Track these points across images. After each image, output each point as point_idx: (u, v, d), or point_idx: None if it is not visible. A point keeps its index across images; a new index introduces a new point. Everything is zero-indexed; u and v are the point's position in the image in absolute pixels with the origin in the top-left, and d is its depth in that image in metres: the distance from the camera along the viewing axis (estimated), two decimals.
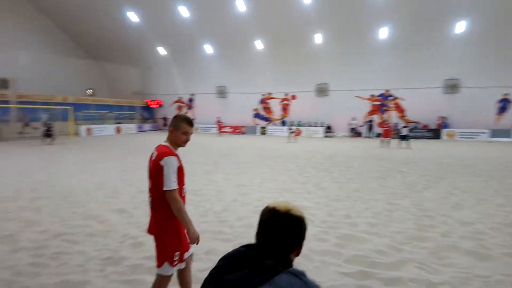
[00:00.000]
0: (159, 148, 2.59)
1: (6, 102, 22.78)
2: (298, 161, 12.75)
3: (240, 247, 1.30)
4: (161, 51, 31.94)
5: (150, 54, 32.43)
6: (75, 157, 13.52)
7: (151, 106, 35.51)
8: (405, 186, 8.32)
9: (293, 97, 29.36)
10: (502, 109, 23.80)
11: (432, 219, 5.66)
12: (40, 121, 22.21)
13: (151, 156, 2.62)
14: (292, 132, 22.95)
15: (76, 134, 25.04)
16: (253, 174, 9.91)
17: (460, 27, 22.83)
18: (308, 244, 4.48)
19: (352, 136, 26.91)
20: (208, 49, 30.10)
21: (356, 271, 3.72)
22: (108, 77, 35.28)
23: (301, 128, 27.69)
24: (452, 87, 24.64)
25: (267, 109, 30.69)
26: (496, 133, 23.21)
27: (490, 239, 4.75)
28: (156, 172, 2.49)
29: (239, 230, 5.09)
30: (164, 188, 2.45)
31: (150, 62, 33.32)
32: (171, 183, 2.45)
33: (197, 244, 2.61)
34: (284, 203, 1.34)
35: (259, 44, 28.07)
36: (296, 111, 29.23)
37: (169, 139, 2.65)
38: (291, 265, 1.27)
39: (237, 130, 30.63)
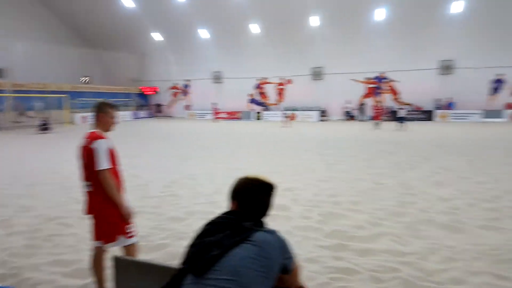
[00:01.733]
0: (89, 134, 2.79)
1: (2, 91, 22.72)
2: (291, 145, 12.96)
3: (221, 213, 1.50)
4: (157, 37, 31.66)
5: (145, 40, 32.17)
6: (69, 145, 13.68)
7: (146, 93, 35.42)
8: (392, 166, 8.56)
9: (289, 81, 29.35)
10: (495, 90, 23.93)
11: (414, 196, 5.90)
12: (34, 110, 22.20)
13: (82, 144, 2.80)
14: (287, 117, 23.08)
15: (71, 122, 25.08)
16: (246, 158, 10.13)
17: (456, 7, 22.71)
18: (293, 221, 4.73)
19: (346, 120, 27.07)
20: (204, 34, 29.87)
21: (334, 244, 3.96)
22: (103, 64, 35.02)
23: (296, 112, 27.82)
24: (447, 68, 24.69)
25: (262, 94, 30.70)
26: (489, 113, 23.41)
27: (465, 213, 5.00)
28: (89, 156, 2.70)
29: None
30: (96, 168, 2.65)
31: (146, 49, 33.09)
32: (102, 163, 2.65)
33: (129, 223, 2.82)
34: (255, 175, 1.56)
35: (254, 28, 27.86)
36: (292, 95, 29.26)
37: (98, 125, 2.84)
38: (263, 225, 1.48)
39: (232, 115, 30.72)
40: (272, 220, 4.74)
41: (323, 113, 27.93)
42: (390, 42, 24.83)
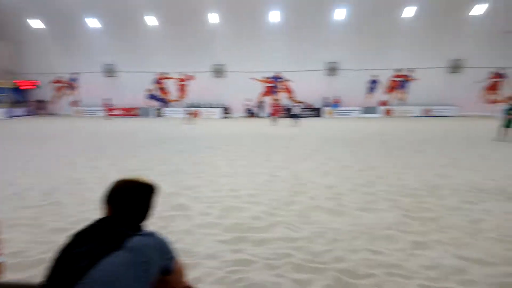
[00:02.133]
0: None
1: None
2: (194, 142, 12.78)
3: (93, 220, 1.33)
4: (36, 24, 27.50)
5: (21, 27, 27.63)
6: None
7: (23, 88, 30.55)
8: (287, 159, 9.17)
9: (191, 77, 28.85)
10: (372, 89, 27.76)
11: (304, 186, 6.42)
12: None
13: None
14: (189, 114, 22.68)
15: None
16: (144, 158, 9.60)
17: (340, 14, 25.42)
18: (193, 219, 4.66)
19: (248, 117, 28.00)
20: (93, 23, 27.11)
21: (232, 238, 4.05)
22: None
23: (199, 109, 27.56)
24: (332, 69, 27.58)
25: (162, 89, 29.52)
26: (366, 110, 27.04)
27: (347, 198, 5.66)
28: None
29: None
30: None
31: (22, 37, 28.46)
32: None
33: None
34: (134, 176, 1.43)
35: (151, 20, 26.48)
36: (194, 92, 28.86)
37: None
38: (141, 229, 1.36)
39: (129, 112, 28.80)
40: (171, 221, 4.60)
41: (226, 110, 28.31)
42: (285, 44, 26.52)
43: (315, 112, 27.43)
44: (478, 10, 23.76)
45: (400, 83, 27.54)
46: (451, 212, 4.94)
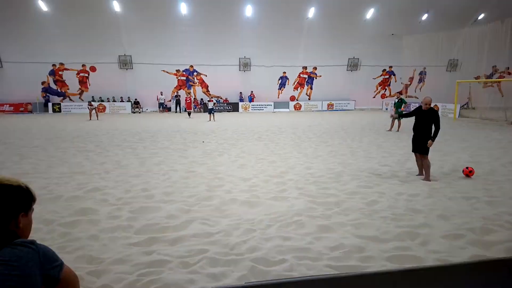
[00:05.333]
0: None
1: None
2: (99, 140, 11.74)
3: None
4: None
5: None
6: None
7: None
8: (204, 154, 9.08)
9: (93, 68, 26.37)
10: (282, 85, 29.16)
11: (221, 180, 6.45)
12: None
13: None
14: (92, 109, 20.75)
15: None
16: (42, 158, 8.48)
17: (249, 11, 25.91)
18: (99, 224, 4.29)
19: (161, 111, 26.88)
20: None
21: (145, 239, 3.85)
22: None
23: (104, 103, 25.43)
24: (245, 65, 28.13)
25: (60, 82, 26.39)
26: (278, 105, 28.34)
27: (261, 189, 5.86)
28: None
29: None
30: None
31: None
32: None
33: None
34: None
35: (42, 5, 23.31)
36: (98, 84, 26.45)
37: None
38: (15, 237, 1.17)
39: (20, 108, 25.12)
40: (74, 227, 4.16)
41: (136, 105, 26.69)
42: (198, 37, 26.02)
43: (231, 107, 27.70)
44: (370, 14, 26.73)
45: (307, 79, 29.53)
46: (351, 196, 5.50)
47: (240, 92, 28.58)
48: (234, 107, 27.76)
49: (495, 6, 24.89)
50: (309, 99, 29.66)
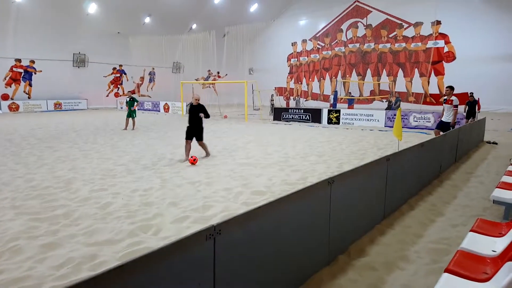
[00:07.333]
0: None
1: None
2: None
3: None
4: None
5: None
6: None
7: None
8: None
9: None
10: None
11: None
12: None
13: None
14: None
15: None
16: None
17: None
18: None
19: None
20: None
21: None
22: None
23: None
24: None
25: None
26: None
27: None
28: None
29: None
30: None
31: None
32: None
33: None
34: None
35: None
36: None
37: None
38: None
39: None
40: None
41: None
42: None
43: None
44: (92, 9, 25.42)
45: (23, 75, 24.64)
46: (83, 203, 5.08)
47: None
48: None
49: (203, 18, 29.94)
50: (29, 97, 24.93)
